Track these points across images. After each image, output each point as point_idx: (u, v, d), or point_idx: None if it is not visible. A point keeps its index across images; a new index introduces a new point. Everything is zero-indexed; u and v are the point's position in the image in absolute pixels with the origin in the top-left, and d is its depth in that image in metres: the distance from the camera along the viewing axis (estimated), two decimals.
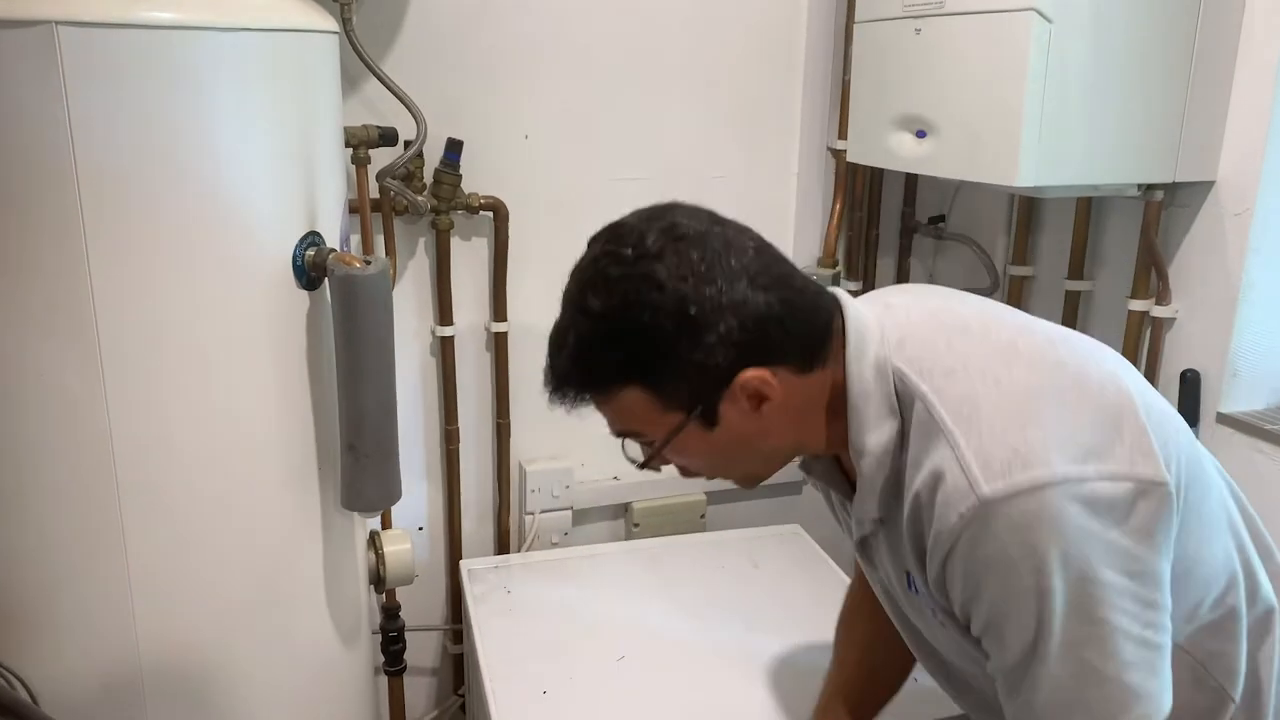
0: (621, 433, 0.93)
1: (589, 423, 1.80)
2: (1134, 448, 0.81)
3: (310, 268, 1.12)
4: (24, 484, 1.02)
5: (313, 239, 1.13)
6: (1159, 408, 0.88)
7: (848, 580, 1.66)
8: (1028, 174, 1.31)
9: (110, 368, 1.00)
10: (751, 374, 0.85)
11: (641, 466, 0.96)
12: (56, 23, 0.90)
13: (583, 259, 0.88)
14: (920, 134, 1.47)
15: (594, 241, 0.89)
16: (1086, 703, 0.82)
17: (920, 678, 1.16)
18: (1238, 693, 0.94)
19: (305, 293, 1.13)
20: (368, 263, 1.11)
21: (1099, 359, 0.89)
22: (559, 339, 0.89)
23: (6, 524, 1.03)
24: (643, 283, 0.82)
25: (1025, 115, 1.28)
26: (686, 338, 0.83)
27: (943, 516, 0.82)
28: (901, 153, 1.51)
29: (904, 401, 0.87)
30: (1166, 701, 0.83)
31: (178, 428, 1.06)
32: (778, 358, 0.86)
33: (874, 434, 0.88)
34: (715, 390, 0.86)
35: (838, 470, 0.99)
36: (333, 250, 1.13)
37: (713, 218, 0.88)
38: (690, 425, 0.87)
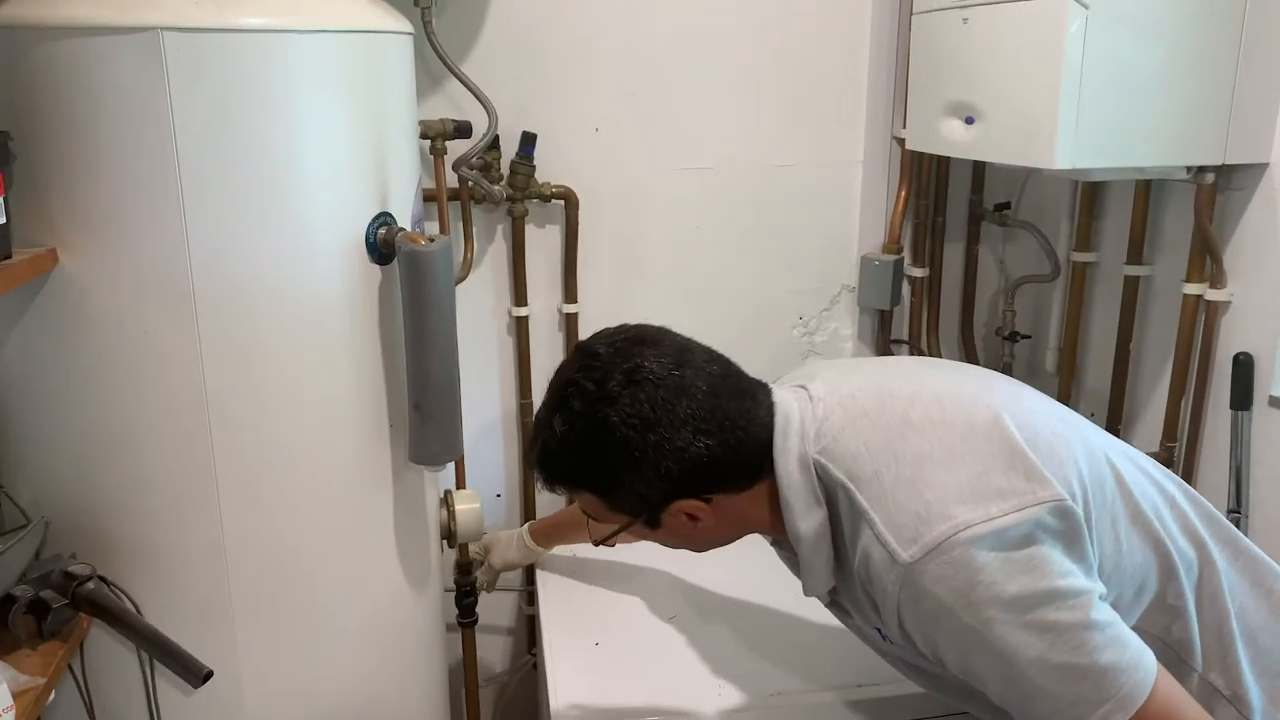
0: (586, 515, 1.08)
1: None
2: (1027, 476, 0.92)
3: (381, 245, 1.25)
4: (131, 433, 1.18)
5: (384, 219, 1.26)
6: (1048, 435, 0.97)
7: None
8: (1065, 157, 1.34)
9: (206, 332, 1.15)
10: (684, 504, 0.99)
11: (597, 544, 1.14)
12: (162, 29, 1.04)
13: (557, 376, 1.03)
14: (969, 120, 1.51)
15: (571, 360, 1.02)
16: (1083, 697, 0.88)
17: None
18: (1197, 662, 1.00)
19: (377, 267, 1.26)
20: (431, 241, 1.23)
21: (984, 404, 0.98)
22: (534, 432, 1.04)
23: (116, 466, 1.19)
24: (596, 424, 0.95)
25: (1062, 99, 1.32)
26: (629, 472, 0.96)
27: (881, 589, 0.93)
28: (953, 138, 1.55)
29: (828, 490, 0.98)
30: (1149, 658, 0.89)
31: (264, 386, 1.20)
32: (712, 489, 0.99)
33: (805, 522, 0.99)
34: (654, 510, 1.00)
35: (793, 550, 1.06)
36: (402, 229, 1.26)
37: (679, 358, 0.98)
38: (637, 525, 1.04)
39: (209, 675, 0.99)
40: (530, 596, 1.96)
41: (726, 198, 1.85)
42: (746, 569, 1.67)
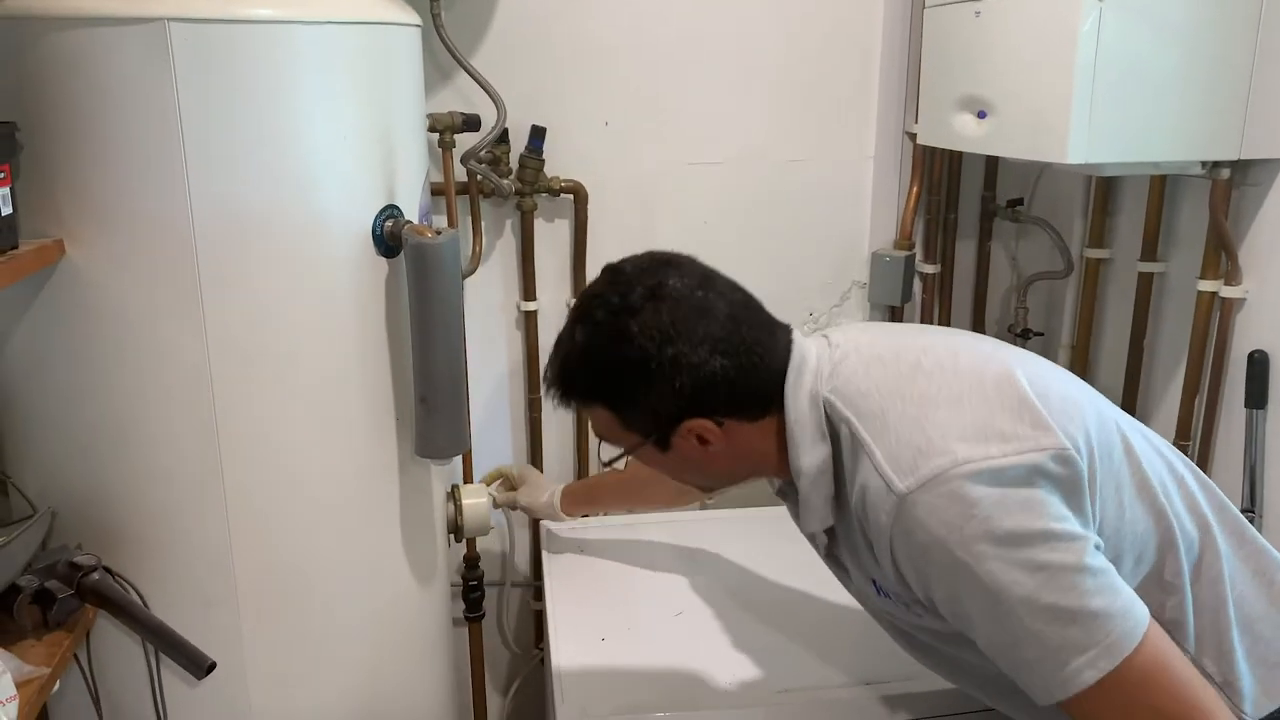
0: (598, 435, 1.08)
1: None
2: (1033, 425, 0.92)
3: (388, 237, 1.25)
4: (137, 425, 1.18)
5: (391, 211, 1.25)
6: (1059, 395, 0.97)
7: None
8: (1078, 151, 1.33)
9: (212, 324, 1.15)
10: (696, 423, 0.99)
11: (606, 465, 1.11)
12: (169, 19, 1.04)
13: (585, 290, 1.04)
14: (981, 114, 1.49)
15: (597, 279, 1.03)
16: (1070, 642, 0.87)
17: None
18: (1190, 644, 0.99)
19: (384, 260, 1.26)
20: (438, 233, 1.22)
21: (998, 359, 1.00)
22: (554, 350, 1.05)
23: (122, 458, 1.19)
24: (616, 333, 0.97)
25: (1075, 93, 1.30)
26: (643, 385, 0.97)
27: (876, 521, 0.93)
28: (965, 133, 1.54)
29: (834, 427, 0.99)
30: (1140, 609, 0.89)
31: (270, 379, 1.20)
32: (723, 412, 0.99)
33: (808, 456, 0.99)
34: (666, 428, 1.00)
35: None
36: (409, 222, 1.26)
37: (703, 281, 1.00)
38: (647, 445, 1.03)
39: (212, 667, 0.99)
40: (537, 591, 1.96)
41: (737, 193, 1.84)
42: (754, 565, 1.68)
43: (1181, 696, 0.87)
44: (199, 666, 0.98)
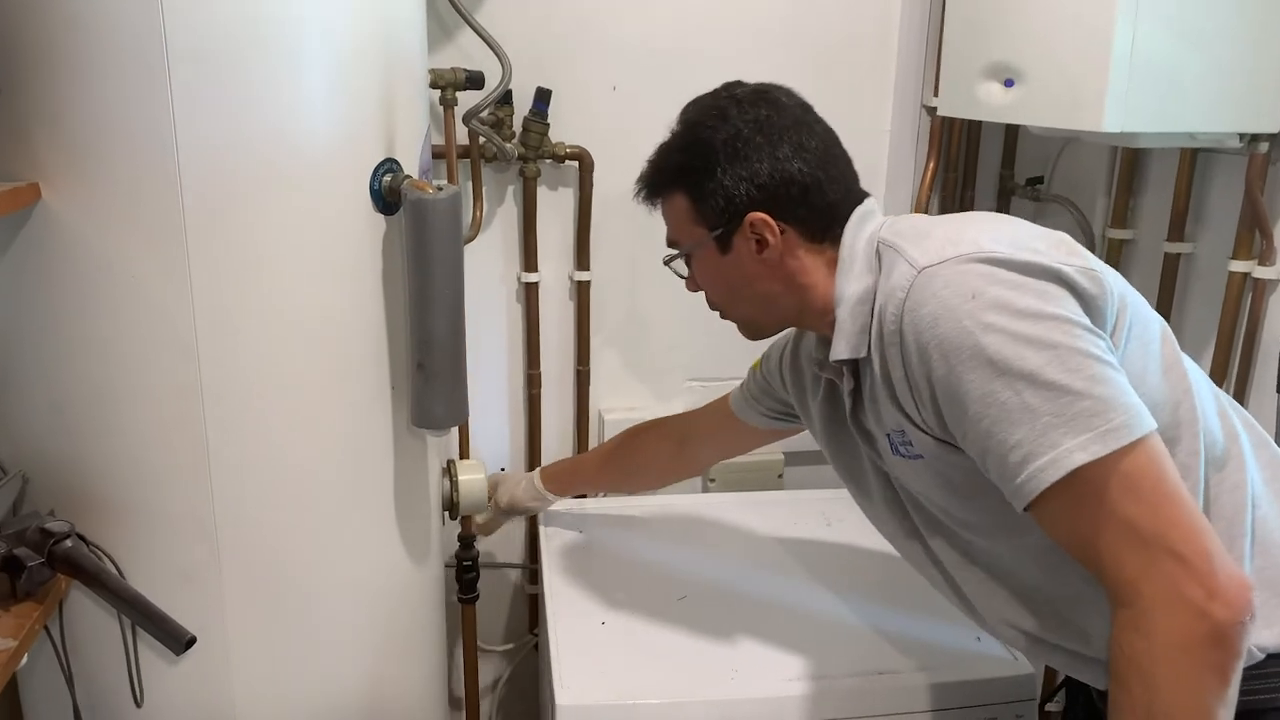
0: (669, 242, 1.15)
1: (667, 376, 1.84)
2: (1070, 252, 0.92)
3: (386, 193, 1.18)
4: (116, 384, 1.11)
5: (389, 166, 1.18)
6: (1112, 273, 0.96)
7: None
8: (1114, 120, 1.26)
9: (198, 279, 1.08)
10: (762, 217, 1.03)
11: (666, 263, 1.16)
12: None
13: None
14: (1008, 83, 1.43)
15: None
16: (1068, 420, 0.83)
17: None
18: None
19: (382, 217, 1.19)
20: (439, 189, 1.16)
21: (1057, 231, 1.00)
22: (657, 148, 1.13)
23: (100, 419, 1.12)
24: (716, 112, 1.05)
25: (1113, 58, 1.24)
26: (724, 163, 1.03)
27: (893, 314, 0.93)
28: (991, 102, 1.47)
29: (881, 260, 0.99)
30: (1146, 415, 0.84)
31: (260, 340, 1.13)
32: (789, 216, 1.04)
33: (854, 284, 1.01)
34: (732, 218, 1.04)
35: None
36: (408, 177, 1.19)
37: (806, 109, 1.08)
38: (709, 244, 1.08)
39: (192, 641, 0.92)
40: (533, 574, 1.90)
41: None
42: (761, 548, 1.62)
43: (1164, 513, 0.82)
44: (178, 641, 0.92)
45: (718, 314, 1.17)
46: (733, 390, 1.45)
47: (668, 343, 1.84)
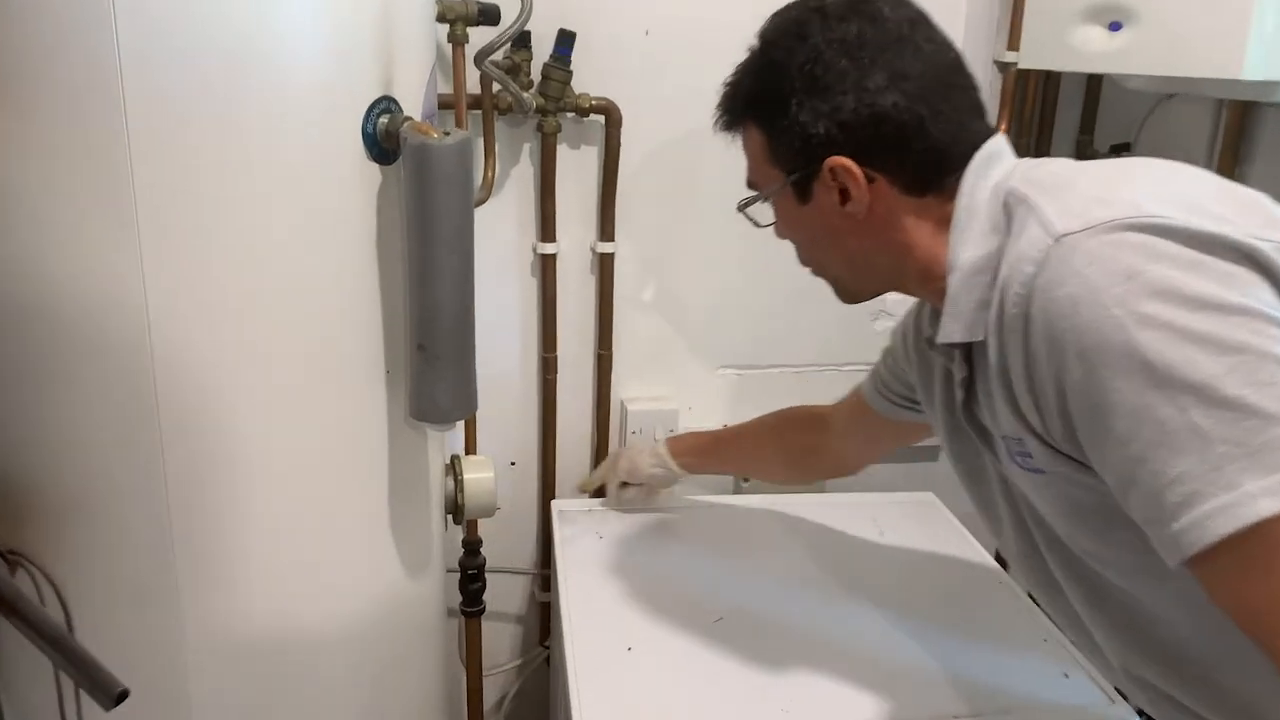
0: (749, 183, 0.97)
1: (698, 362, 1.63)
2: (1264, 223, 0.70)
3: (382, 137, 0.97)
4: (51, 370, 0.91)
5: (386, 105, 0.98)
6: None
7: (986, 557, 1.47)
8: (1255, 66, 1.07)
9: (148, 239, 0.87)
10: (843, 162, 0.85)
11: (740, 209, 0.99)
12: None
13: None
14: (1114, 26, 1.23)
15: None
16: (1251, 453, 0.61)
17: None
18: None
19: (377, 166, 0.99)
20: (446, 134, 0.95)
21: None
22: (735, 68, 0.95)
23: (32, 413, 0.93)
24: (795, 29, 0.87)
25: None
26: (800, 94, 0.85)
27: (1017, 287, 0.73)
28: (1089, 50, 1.27)
29: (1010, 217, 0.79)
30: None
31: (224, 311, 0.93)
32: (879, 163, 0.85)
33: (971, 249, 0.81)
34: (808, 162, 0.87)
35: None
36: (409, 118, 0.99)
37: (917, 21, 0.87)
38: (787, 190, 0.91)
39: (124, 695, 0.72)
40: (545, 581, 1.71)
41: None
42: (812, 563, 1.43)
43: None
44: (107, 695, 0.72)
45: (809, 272, 1.00)
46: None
47: (702, 325, 1.64)
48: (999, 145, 0.87)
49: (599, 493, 1.58)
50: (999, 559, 1.46)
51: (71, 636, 0.77)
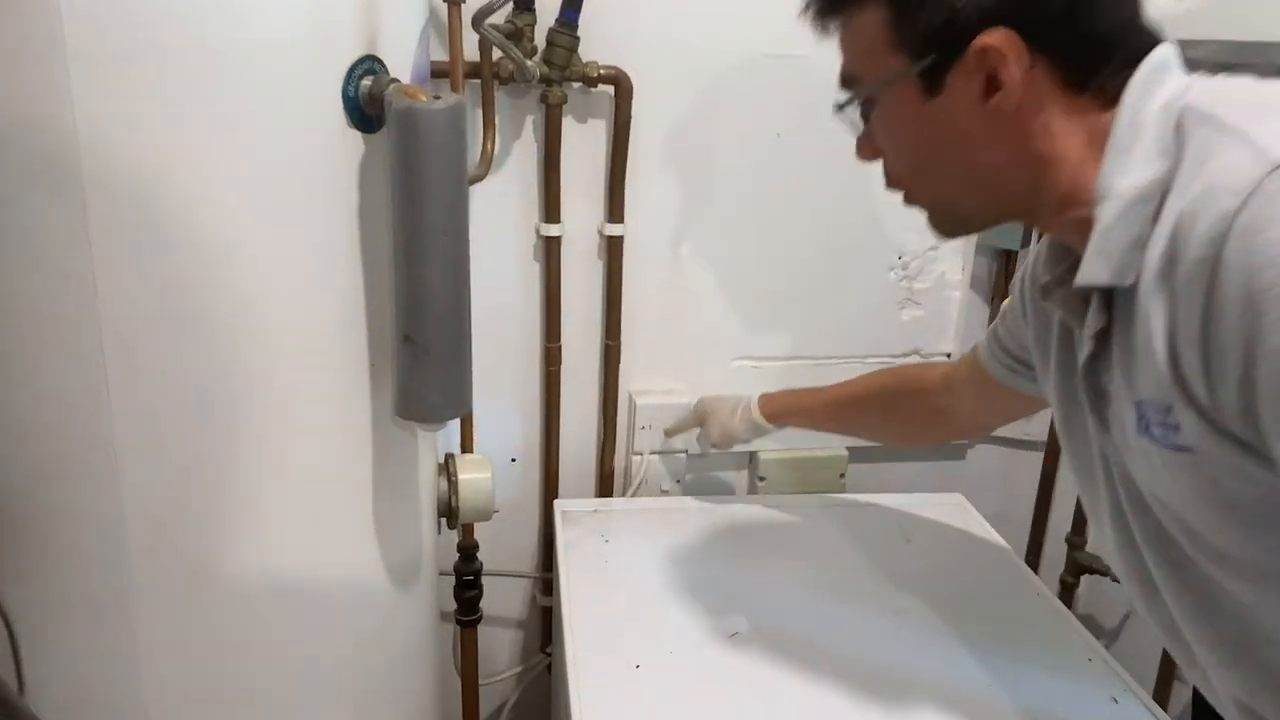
0: (844, 79, 0.83)
1: (711, 353, 1.52)
2: None
3: (364, 101, 0.87)
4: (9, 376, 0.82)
5: (370, 66, 0.87)
6: None
7: (1019, 562, 1.37)
8: None
9: (95, 212, 0.77)
10: (1000, 37, 0.70)
11: (840, 107, 0.84)
12: None
13: None
14: None
15: None
16: None
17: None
18: None
19: (358, 134, 0.88)
20: (437, 98, 0.84)
21: None
22: None
23: None
24: None
25: None
26: None
27: (1206, 223, 0.60)
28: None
29: (1185, 139, 0.66)
30: None
31: (182, 299, 0.82)
32: (1044, 41, 0.70)
33: (1132, 174, 0.68)
34: (951, 45, 0.72)
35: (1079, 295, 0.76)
36: (395, 80, 0.88)
37: None
38: (910, 81, 0.75)
39: None
40: (546, 585, 1.61)
41: (819, 95, 1.41)
42: (839, 571, 1.33)
43: None
44: None
45: (900, 197, 0.85)
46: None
47: (716, 314, 1.53)
48: (1167, 55, 0.72)
49: None
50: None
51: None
